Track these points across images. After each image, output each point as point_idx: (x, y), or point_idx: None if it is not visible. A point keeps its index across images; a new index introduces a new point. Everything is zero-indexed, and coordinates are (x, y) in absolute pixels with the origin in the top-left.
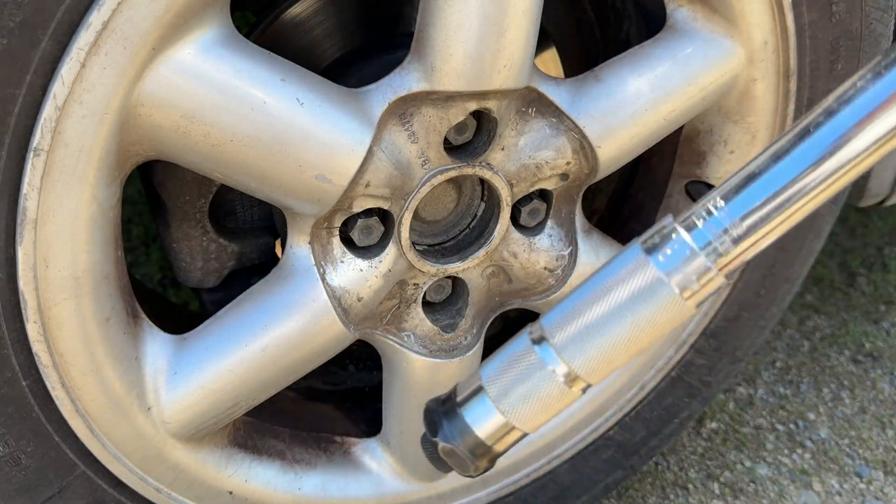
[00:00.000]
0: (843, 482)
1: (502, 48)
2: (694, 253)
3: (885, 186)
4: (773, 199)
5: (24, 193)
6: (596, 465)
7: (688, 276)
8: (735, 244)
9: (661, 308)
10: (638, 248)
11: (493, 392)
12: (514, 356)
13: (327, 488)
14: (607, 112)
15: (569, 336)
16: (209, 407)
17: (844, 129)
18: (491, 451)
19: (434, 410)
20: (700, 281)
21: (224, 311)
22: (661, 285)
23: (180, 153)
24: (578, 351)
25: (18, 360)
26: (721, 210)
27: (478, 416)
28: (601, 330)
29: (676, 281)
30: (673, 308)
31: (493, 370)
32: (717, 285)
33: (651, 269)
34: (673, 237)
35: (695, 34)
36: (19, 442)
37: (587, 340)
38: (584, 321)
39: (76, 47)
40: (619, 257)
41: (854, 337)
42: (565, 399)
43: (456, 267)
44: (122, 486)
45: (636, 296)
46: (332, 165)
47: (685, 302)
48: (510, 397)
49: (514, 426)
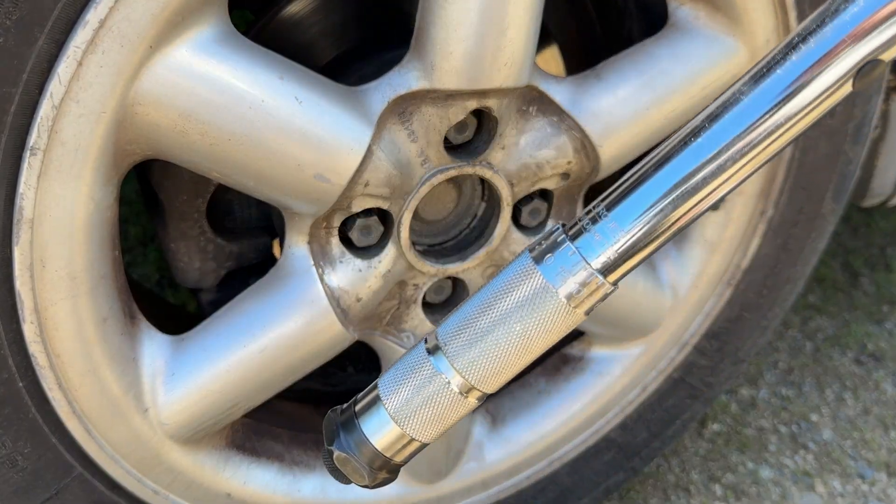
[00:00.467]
0: (845, 484)
1: (503, 46)
2: (581, 262)
3: (888, 187)
4: (656, 205)
5: (21, 193)
6: (597, 467)
7: (575, 285)
8: (620, 253)
9: (550, 317)
10: (527, 256)
11: (390, 403)
12: (411, 366)
13: (326, 490)
14: (609, 111)
15: (461, 345)
16: (207, 408)
17: (727, 135)
18: (390, 463)
19: (333, 420)
20: (587, 289)
21: (222, 312)
22: (549, 294)
23: (178, 152)
24: (471, 361)
25: (15, 360)
26: (606, 218)
27: (375, 428)
28: (493, 339)
29: (564, 290)
30: (561, 316)
31: (390, 380)
32: (605, 293)
33: (539, 277)
34: (561, 247)
35: (697, 32)
36: (16, 443)
37: (479, 350)
38: (475, 331)
39: (73, 45)
40: (510, 266)
41: (857, 338)
42: (461, 409)
43: (456, 267)
44: (120, 489)
45: (525, 305)
46: (331, 164)
47: (573, 310)
48: (406, 408)
49: (412, 437)
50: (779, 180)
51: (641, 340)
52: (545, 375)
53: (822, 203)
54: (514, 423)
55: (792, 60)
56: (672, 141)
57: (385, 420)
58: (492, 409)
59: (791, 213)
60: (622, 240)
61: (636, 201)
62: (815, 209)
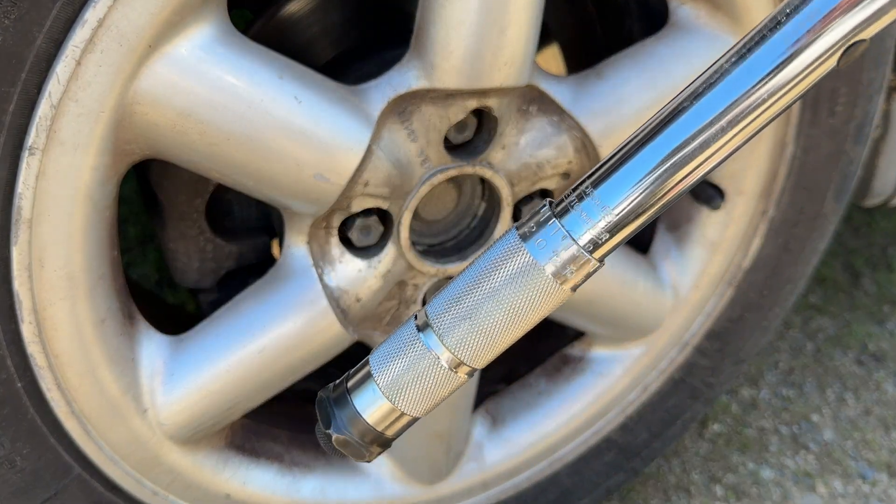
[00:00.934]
0: (846, 484)
1: (503, 45)
2: (566, 239)
3: (890, 187)
4: (641, 182)
5: (19, 192)
6: (597, 468)
7: (563, 262)
8: (606, 229)
9: (538, 293)
10: (514, 233)
11: (381, 379)
12: (402, 342)
13: (325, 491)
14: (609, 110)
15: (451, 322)
16: (206, 409)
17: (710, 112)
18: (382, 437)
19: (325, 399)
20: (573, 265)
21: (221, 312)
22: (537, 271)
23: (177, 152)
24: (461, 337)
25: (13, 361)
26: (591, 196)
27: (367, 403)
28: (482, 315)
29: (550, 267)
30: (549, 293)
31: (381, 356)
32: (590, 270)
33: (526, 255)
34: (547, 224)
35: (697, 32)
36: (14, 444)
37: (468, 326)
38: (464, 307)
39: (72, 45)
40: (497, 243)
41: (858, 338)
42: (451, 384)
43: (456, 267)
44: (119, 490)
45: (512, 281)
46: (331, 164)
47: (560, 287)
48: (397, 383)
49: (403, 412)
50: (780, 180)
51: (642, 341)
52: (546, 376)
53: (823, 203)
54: (515, 423)
55: (777, 36)
56: (657, 117)
57: (377, 395)
58: (492, 410)
59: (792, 213)
60: (608, 216)
61: (621, 178)
62: (816, 209)
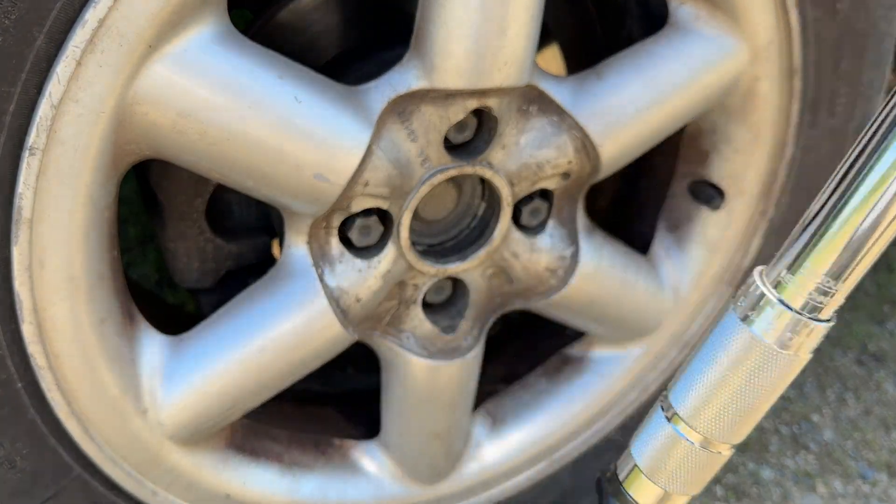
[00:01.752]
0: (846, 484)
1: (503, 45)
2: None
3: None
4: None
5: (20, 193)
6: (598, 468)
7: (794, 335)
8: (827, 294)
9: (780, 369)
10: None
11: (648, 468)
12: (657, 435)
13: (325, 491)
14: (609, 110)
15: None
16: (206, 409)
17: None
18: None
19: (603, 491)
20: (803, 333)
21: (221, 312)
22: (775, 354)
23: (177, 152)
24: (714, 426)
25: (14, 361)
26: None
27: (642, 492)
28: (732, 403)
29: (785, 343)
30: (789, 364)
31: (641, 447)
32: (825, 330)
33: (759, 342)
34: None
35: (697, 32)
36: (14, 444)
37: (720, 414)
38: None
39: (72, 45)
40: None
41: (858, 338)
42: (717, 461)
43: (456, 267)
44: (119, 490)
45: (756, 370)
46: (331, 164)
47: (797, 356)
48: (665, 471)
49: (675, 493)
50: (780, 180)
51: (642, 341)
52: (546, 376)
53: None
54: (515, 423)
55: None
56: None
57: (648, 484)
58: (492, 410)
59: (792, 214)
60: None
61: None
62: None
